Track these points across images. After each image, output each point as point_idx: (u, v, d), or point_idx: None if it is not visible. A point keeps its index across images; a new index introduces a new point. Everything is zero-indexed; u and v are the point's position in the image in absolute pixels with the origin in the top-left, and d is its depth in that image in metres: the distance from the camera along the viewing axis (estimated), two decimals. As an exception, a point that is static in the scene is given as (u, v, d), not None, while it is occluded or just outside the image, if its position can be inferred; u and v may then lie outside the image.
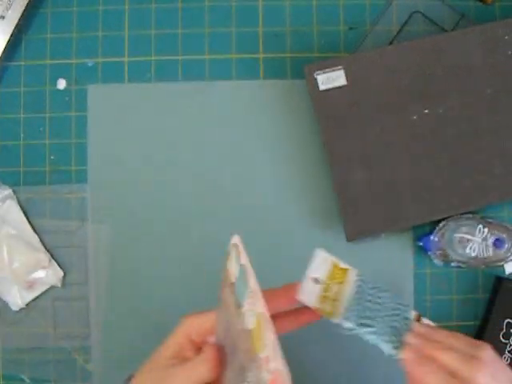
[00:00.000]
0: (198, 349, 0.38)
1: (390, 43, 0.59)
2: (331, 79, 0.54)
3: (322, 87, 0.54)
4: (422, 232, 0.57)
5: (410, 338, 0.39)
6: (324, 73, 0.54)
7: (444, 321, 0.58)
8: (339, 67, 0.54)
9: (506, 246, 0.55)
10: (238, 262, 0.34)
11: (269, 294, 0.36)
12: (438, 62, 0.54)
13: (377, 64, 0.55)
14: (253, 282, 0.33)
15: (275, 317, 0.38)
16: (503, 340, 0.55)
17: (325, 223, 0.58)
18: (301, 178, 0.58)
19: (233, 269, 0.35)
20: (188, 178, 0.58)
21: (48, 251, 0.58)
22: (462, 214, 0.56)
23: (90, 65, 0.60)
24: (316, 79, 0.54)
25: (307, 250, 0.41)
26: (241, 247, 0.34)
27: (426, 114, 0.54)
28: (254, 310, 0.34)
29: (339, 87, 0.54)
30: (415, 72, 0.54)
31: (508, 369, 0.39)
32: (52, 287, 0.58)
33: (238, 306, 0.35)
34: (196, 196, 0.58)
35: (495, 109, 0.54)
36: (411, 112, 0.54)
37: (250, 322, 0.34)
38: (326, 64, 0.55)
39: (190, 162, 0.59)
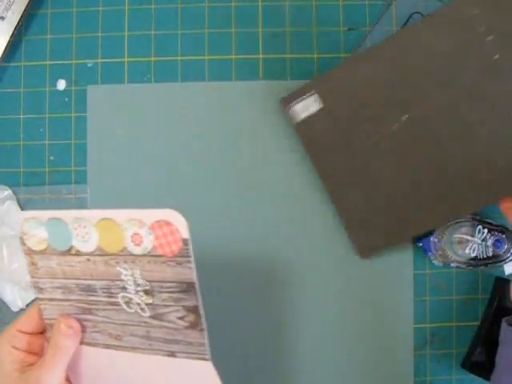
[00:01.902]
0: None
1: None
2: (307, 106, 0.53)
3: (300, 116, 0.53)
4: (422, 233, 0.57)
5: None
6: (300, 101, 0.53)
7: (444, 321, 0.58)
8: (312, 91, 0.53)
9: (506, 246, 0.55)
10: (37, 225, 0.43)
11: None
12: (407, 60, 0.52)
13: (348, 79, 0.53)
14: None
15: None
16: (503, 341, 0.55)
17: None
18: (300, 178, 0.58)
19: (36, 237, 0.43)
20: (188, 178, 0.58)
21: (48, 252, 0.58)
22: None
23: (89, 65, 0.60)
24: (293, 110, 0.54)
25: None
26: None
27: (407, 120, 0.52)
28: (87, 229, 0.42)
29: (317, 111, 0.54)
30: (387, 78, 0.52)
31: None
32: (52, 288, 0.58)
33: (69, 251, 0.43)
34: (196, 196, 0.58)
35: (477, 96, 0.51)
36: (390, 120, 0.53)
37: (93, 234, 0.42)
38: (300, 92, 0.54)
39: (189, 162, 0.59)
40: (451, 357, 0.58)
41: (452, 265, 0.56)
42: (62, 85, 0.60)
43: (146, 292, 0.42)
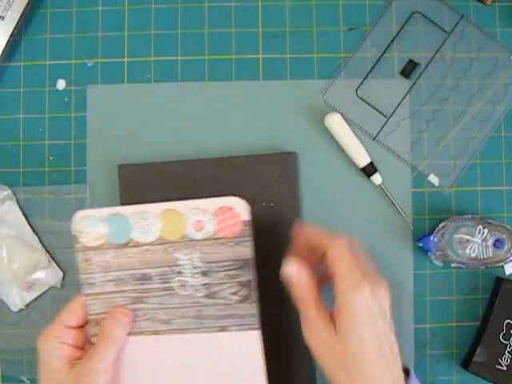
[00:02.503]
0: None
1: (390, 44, 0.59)
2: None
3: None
4: (422, 232, 0.57)
5: None
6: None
7: (444, 321, 0.58)
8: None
9: (506, 246, 0.55)
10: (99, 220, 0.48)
11: None
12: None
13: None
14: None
15: None
16: (503, 341, 0.55)
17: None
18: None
19: (94, 233, 0.48)
20: (187, 179, 0.58)
21: (47, 252, 0.58)
22: (462, 214, 0.56)
23: (89, 65, 0.60)
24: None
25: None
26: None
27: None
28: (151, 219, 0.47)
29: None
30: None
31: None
32: (51, 288, 0.58)
33: (127, 244, 0.48)
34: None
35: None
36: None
37: (154, 225, 0.47)
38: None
39: (189, 162, 0.59)
40: (451, 357, 0.58)
41: (452, 265, 0.56)
42: (61, 85, 0.60)
43: (203, 273, 0.48)
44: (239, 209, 0.47)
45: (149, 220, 0.47)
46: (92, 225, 0.48)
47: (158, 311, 0.48)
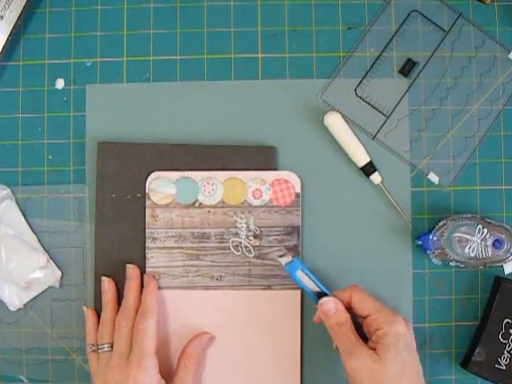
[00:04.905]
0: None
1: (389, 43, 0.59)
2: None
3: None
4: (421, 231, 0.57)
5: None
6: None
7: (443, 320, 0.58)
8: None
9: (505, 246, 0.54)
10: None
11: None
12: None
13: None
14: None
15: None
16: (502, 340, 0.54)
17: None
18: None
19: (163, 193, 0.55)
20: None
21: (46, 251, 0.58)
22: (461, 213, 0.56)
23: (88, 64, 0.60)
24: None
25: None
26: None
27: None
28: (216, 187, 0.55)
29: None
30: None
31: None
32: (50, 287, 0.58)
33: (193, 204, 0.55)
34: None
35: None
36: None
37: (219, 190, 0.55)
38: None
39: (188, 161, 0.59)
40: (450, 356, 0.58)
41: (451, 264, 0.56)
42: (60, 84, 0.60)
43: (256, 236, 0.55)
44: (293, 182, 0.55)
45: (214, 185, 0.54)
46: (162, 185, 0.55)
47: (211, 268, 0.55)
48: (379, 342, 0.46)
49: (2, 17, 0.57)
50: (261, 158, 0.57)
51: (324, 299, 0.50)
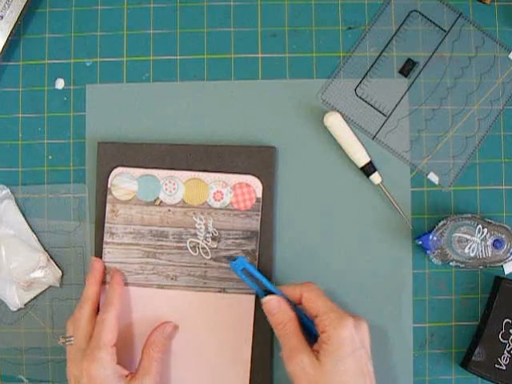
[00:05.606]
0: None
1: (388, 43, 0.59)
2: None
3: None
4: (421, 232, 0.57)
5: None
6: None
7: (443, 321, 0.58)
8: None
9: (505, 246, 0.54)
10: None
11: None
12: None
13: None
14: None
15: None
16: (502, 340, 0.54)
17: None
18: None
19: (125, 189, 0.55)
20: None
21: (46, 251, 0.58)
22: (461, 213, 0.56)
23: (88, 64, 0.60)
24: None
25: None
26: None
27: None
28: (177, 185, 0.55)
29: None
30: None
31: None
32: (50, 287, 0.58)
33: (153, 202, 0.55)
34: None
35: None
36: None
37: (180, 190, 0.55)
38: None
39: (188, 161, 0.59)
40: (450, 356, 0.58)
41: (451, 264, 0.56)
42: (60, 84, 0.60)
43: (214, 238, 0.55)
44: (255, 186, 0.55)
45: (176, 184, 0.54)
46: (125, 181, 0.55)
47: (167, 267, 0.55)
48: (322, 346, 0.44)
49: (2, 17, 0.57)
50: (260, 157, 0.56)
51: (267, 297, 0.49)
